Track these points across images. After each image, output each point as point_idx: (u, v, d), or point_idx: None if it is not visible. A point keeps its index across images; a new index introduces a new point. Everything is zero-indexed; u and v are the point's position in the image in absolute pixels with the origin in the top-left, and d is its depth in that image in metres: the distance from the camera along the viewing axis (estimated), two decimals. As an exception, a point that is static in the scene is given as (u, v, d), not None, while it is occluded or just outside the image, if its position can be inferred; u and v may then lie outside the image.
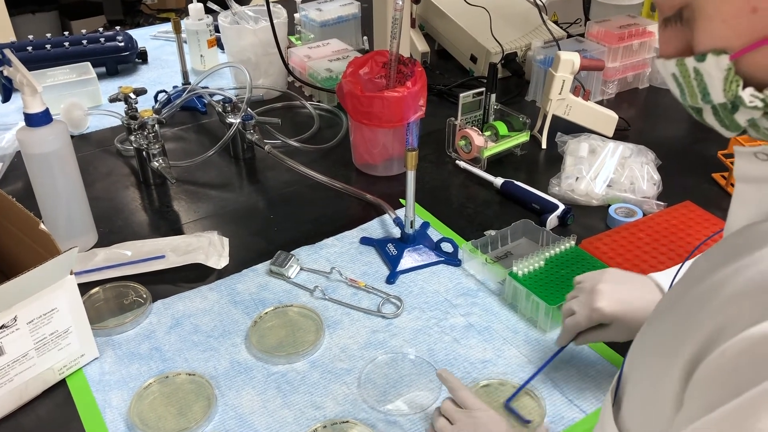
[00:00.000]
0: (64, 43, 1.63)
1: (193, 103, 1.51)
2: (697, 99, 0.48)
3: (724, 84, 0.45)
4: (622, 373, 0.57)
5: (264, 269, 1.05)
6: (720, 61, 0.45)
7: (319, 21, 1.72)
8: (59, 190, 1.04)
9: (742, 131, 0.48)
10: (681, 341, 0.45)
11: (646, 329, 0.55)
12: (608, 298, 0.78)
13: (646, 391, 0.51)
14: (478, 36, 1.62)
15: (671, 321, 0.50)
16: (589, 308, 0.79)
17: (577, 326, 0.81)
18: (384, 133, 1.24)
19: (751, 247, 0.44)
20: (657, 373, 0.48)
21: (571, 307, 0.82)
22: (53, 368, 0.85)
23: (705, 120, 0.50)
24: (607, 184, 1.18)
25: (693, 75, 0.47)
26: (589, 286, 0.80)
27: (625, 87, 1.59)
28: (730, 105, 0.46)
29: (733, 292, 0.43)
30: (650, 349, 0.53)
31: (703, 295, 0.46)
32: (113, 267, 1.04)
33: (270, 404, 0.84)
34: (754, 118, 0.46)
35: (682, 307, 0.49)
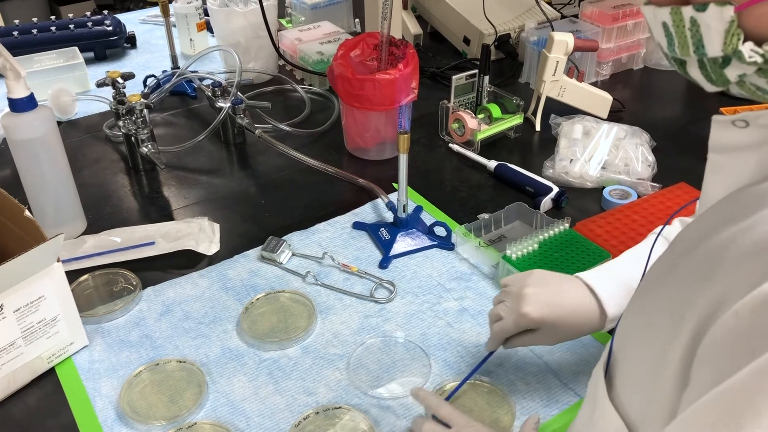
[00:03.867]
0: (50, 28, 1.60)
1: (183, 87, 1.49)
2: (689, 51, 0.47)
3: (724, 37, 0.44)
4: (612, 351, 0.56)
5: (255, 255, 1.04)
6: (723, 12, 0.43)
7: (310, 3, 1.69)
8: (46, 177, 1.02)
9: (725, 87, 0.48)
10: (681, 311, 0.44)
11: (637, 302, 0.55)
12: (534, 302, 0.74)
13: (642, 370, 0.50)
14: (470, 17, 1.60)
15: (666, 293, 0.49)
16: (516, 313, 0.75)
17: (505, 332, 0.77)
18: (376, 117, 1.22)
19: (749, 210, 0.43)
20: (656, 348, 0.47)
21: (497, 312, 0.78)
22: (42, 357, 0.84)
23: (688, 72, 0.49)
24: (601, 166, 1.17)
25: (688, 25, 0.46)
26: (516, 290, 0.76)
27: (619, 68, 1.58)
28: (722, 60, 0.45)
29: (737, 255, 0.42)
30: (645, 323, 0.52)
31: (700, 263, 0.45)
32: (102, 254, 1.02)
33: (262, 391, 0.83)
34: (745, 73, 0.45)
35: (677, 278, 0.48)
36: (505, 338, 0.78)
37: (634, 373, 0.52)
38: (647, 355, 0.49)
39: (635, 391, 0.52)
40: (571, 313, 0.74)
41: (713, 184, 0.53)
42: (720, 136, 0.51)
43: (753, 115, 0.48)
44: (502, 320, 0.77)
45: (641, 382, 0.50)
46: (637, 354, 0.52)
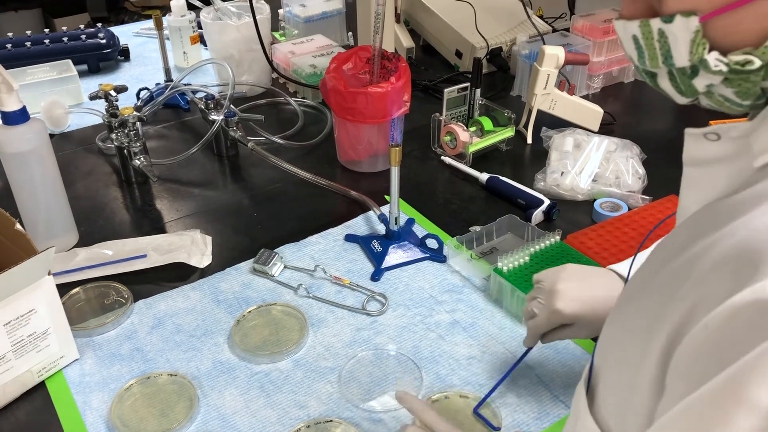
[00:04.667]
0: (44, 41, 1.61)
1: (176, 100, 1.50)
2: (658, 62, 0.48)
3: (690, 46, 0.45)
4: (593, 364, 0.56)
5: (247, 268, 1.04)
6: (689, 22, 0.45)
7: (303, 17, 1.70)
8: (37, 190, 1.02)
9: (695, 98, 0.49)
10: (655, 323, 0.45)
11: (614, 317, 0.55)
12: (567, 298, 0.75)
13: (620, 379, 0.51)
14: (462, 31, 1.61)
15: (641, 305, 0.50)
16: (549, 310, 0.76)
17: (539, 328, 0.78)
18: (368, 129, 1.23)
19: (719, 223, 0.44)
20: (631, 358, 0.48)
21: (531, 309, 0.80)
22: (31, 370, 0.83)
23: (659, 85, 0.50)
24: (592, 178, 1.17)
25: (657, 37, 0.47)
26: (548, 285, 0.78)
27: (610, 81, 1.59)
28: (689, 70, 0.47)
29: (707, 267, 0.42)
30: (621, 336, 0.52)
31: (674, 275, 0.46)
32: (94, 267, 1.02)
33: (253, 404, 0.83)
34: (712, 83, 0.46)
35: (652, 290, 0.49)
36: (541, 334, 0.79)
37: (612, 385, 0.53)
38: (624, 366, 0.50)
39: (614, 403, 0.52)
40: (603, 304, 0.75)
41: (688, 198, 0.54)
42: (693, 149, 0.52)
43: (724, 128, 0.49)
44: (536, 317, 0.79)
45: (619, 394, 0.51)
46: (615, 366, 0.52)
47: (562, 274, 0.78)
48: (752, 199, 0.44)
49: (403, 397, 0.75)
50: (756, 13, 0.44)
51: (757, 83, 0.46)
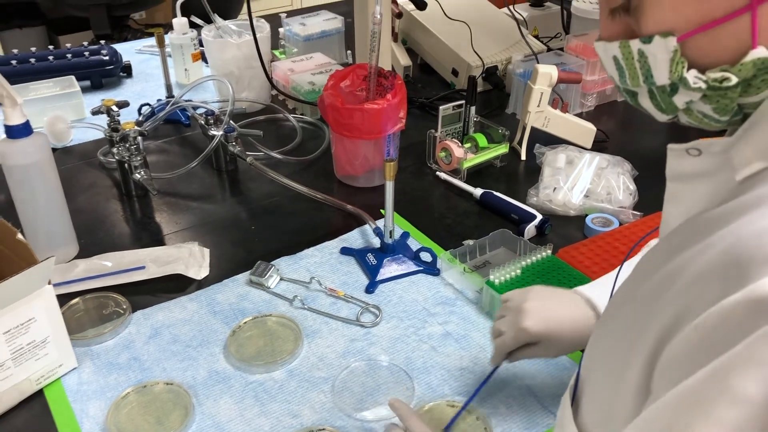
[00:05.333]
0: (48, 57, 1.64)
1: (177, 115, 1.52)
2: (639, 81, 0.50)
3: (670, 65, 0.48)
4: (580, 374, 0.58)
5: (244, 279, 1.06)
6: (668, 42, 0.47)
7: (303, 35, 1.73)
8: (39, 202, 1.04)
9: (674, 116, 0.50)
10: (640, 331, 0.46)
11: (600, 329, 0.57)
12: (534, 317, 0.77)
13: (605, 389, 0.52)
14: (459, 50, 1.64)
15: (625, 316, 0.51)
16: (516, 328, 0.77)
17: (506, 346, 0.79)
18: (365, 145, 1.25)
19: (703, 235, 0.45)
20: (615, 367, 0.49)
21: (498, 327, 0.81)
22: (30, 378, 0.85)
23: (640, 103, 0.53)
24: (584, 194, 1.19)
25: (637, 57, 0.49)
26: (516, 305, 0.79)
27: (604, 100, 1.62)
28: (669, 88, 0.49)
29: (693, 275, 0.44)
30: (606, 347, 0.54)
31: (659, 285, 0.47)
32: (93, 278, 1.04)
33: (247, 413, 0.84)
34: (692, 100, 0.48)
35: (636, 301, 0.50)
36: (508, 353, 0.81)
37: (597, 395, 0.54)
38: (609, 375, 0.51)
39: (598, 413, 0.54)
40: (570, 326, 0.76)
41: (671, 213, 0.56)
42: (675, 165, 0.54)
43: (705, 143, 0.51)
44: (502, 335, 0.80)
45: (603, 403, 0.52)
46: (600, 376, 0.54)
47: (529, 294, 0.80)
48: (736, 210, 0.45)
49: (393, 404, 0.77)
50: (731, 32, 0.46)
51: (734, 99, 0.48)
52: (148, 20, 3.76)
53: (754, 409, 0.38)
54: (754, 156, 0.48)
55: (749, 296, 0.39)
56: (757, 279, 0.39)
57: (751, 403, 0.38)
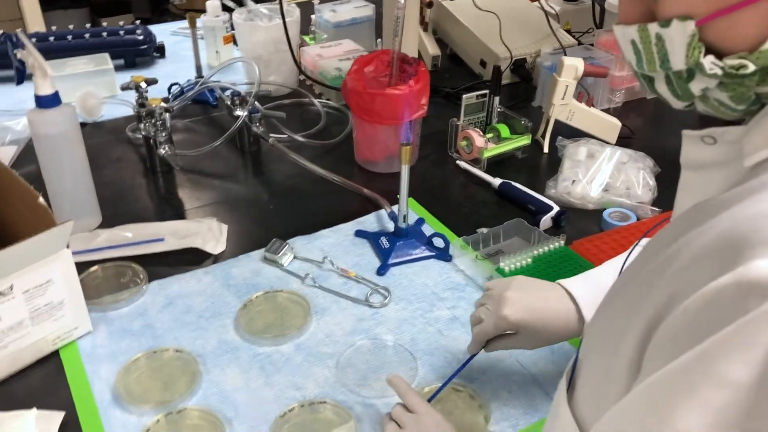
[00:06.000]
0: (84, 35, 1.68)
1: (205, 96, 1.55)
2: (655, 66, 0.50)
3: (687, 50, 0.47)
4: (577, 359, 0.58)
5: (259, 256, 1.08)
6: (686, 26, 0.46)
7: (333, 22, 1.75)
8: (65, 171, 1.07)
9: (691, 103, 0.50)
10: (634, 313, 0.46)
11: (599, 311, 0.57)
12: (514, 306, 0.76)
13: (599, 370, 0.52)
14: (488, 41, 1.64)
15: (625, 298, 0.51)
16: (496, 316, 0.77)
17: (485, 334, 0.79)
18: (385, 130, 1.26)
19: (701, 220, 0.45)
20: (609, 349, 0.49)
21: (479, 315, 0.81)
22: (47, 338, 0.88)
23: (656, 89, 0.52)
24: (603, 188, 1.19)
25: (654, 41, 0.49)
26: (497, 293, 0.79)
27: (632, 96, 1.60)
28: (686, 74, 0.48)
29: (688, 259, 0.44)
30: (603, 328, 0.54)
31: (655, 270, 0.47)
32: (114, 248, 1.07)
33: (252, 383, 0.86)
34: (708, 87, 0.48)
35: (634, 286, 0.50)
36: (486, 341, 0.81)
37: (591, 377, 0.54)
38: (603, 356, 0.51)
39: (591, 395, 0.54)
40: (551, 317, 0.76)
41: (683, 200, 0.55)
42: (690, 152, 0.53)
43: (720, 131, 0.50)
44: (482, 323, 0.80)
45: (597, 384, 0.52)
46: (595, 357, 0.54)
47: (512, 283, 0.79)
48: (739, 195, 0.45)
49: (391, 380, 0.78)
50: (750, 18, 0.45)
51: (751, 88, 0.48)
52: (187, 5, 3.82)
53: (738, 392, 0.38)
54: (765, 143, 0.47)
55: (738, 279, 0.39)
56: (747, 262, 0.39)
57: (736, 386, 0.38)
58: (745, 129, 0.49)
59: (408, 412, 0.75)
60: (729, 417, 0.38)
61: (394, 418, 0.76)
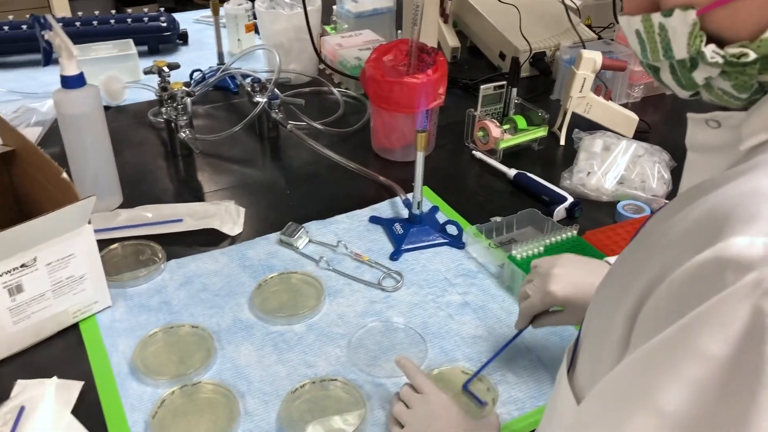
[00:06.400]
0: (109, 21, 1.71)
1: (226, 82, 1.57)
2: (659, 55, 0.51)
3: (688, 38, 0.48)
4: (579, 336, 0.59)
5: (275, 239, 1.10)
6: (687, 16, 0.47)
7: (355, 12, 1.76)
8: (88, 151, 1.10)
9: (695, 92, 0.51)
10: (626, 290, 0.47)
11: (598, 291, 0.58)
12: (562, 281, 0.78)
13: (594, 347, 0.53)
14: (508, 34, 1.65)
15: (619, 276, 0.52)
16: (543, 292, 0.79)
17: (532, 309, 0.81)
18: (402, 119, 1.27)
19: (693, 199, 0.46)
20: (603, 327, 0.51)
21: (526, 291, 0.82)
22: (68, 311, 0.91)
23: (661, 79, 0.53)
24: (617, 180, 1.19)
25: (657, 30, 0.50)
26: (545, 270, 0.81)
27: (651, 92, 1.60)
28: (689, 63, 0.49)
29: (678, 234, 0.45)
30: (599, 308, 0.55)
31: (649, 246, 0.48)
32: (134, 227, 1.09)
33: (266, 360, 0.88)
34: (711, 76, 0.49)
35: (629, 262, 0.51)
36: (533, 317, 0.83)
37: (589, 354, 0.56)
38: (598, 334, 0.53)
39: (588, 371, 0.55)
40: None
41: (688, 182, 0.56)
42: (694, 134, 0.54)
43: (724, 115, 0.51)
44: (529, 299, 0.82)
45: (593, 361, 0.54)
46: (593, 335, 0.55)
47: (559, 260, 0.81)
48: (728, 176, 0.46)
49: (400, 361, 0.79)
50: (750, 7, 0.46)
51: (753, 76, 0.49)
52: (211, -4, 3.86)
53: (716, 366, 0.39)
54: (761, 128, 0.48)
55: (717, 255, 0.40)
56: (727, 238, 0.40)
57: (714, 360, 0.39)
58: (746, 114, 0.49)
59: (416, 393, 0.76)
60: (708, 391, 0.39)
61: (402, 399, 0.77)
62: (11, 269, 0.82)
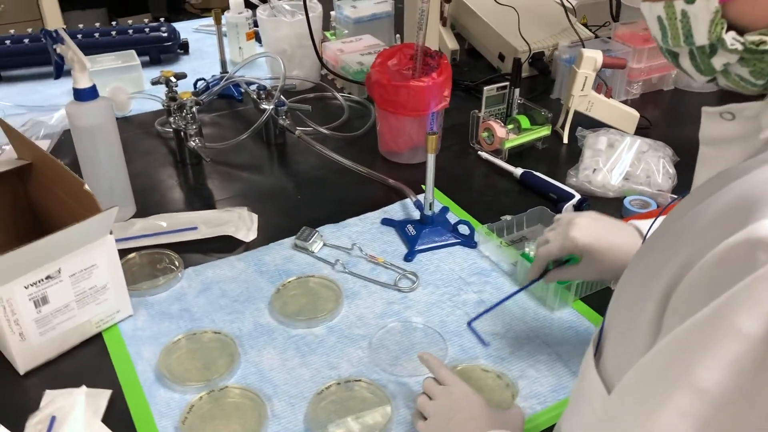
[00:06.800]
0: (111, 33, 1.72)
1: (230, 91, 1.59)
2: (680, 41, 0.53)
3: (710, 26, 0.50)
4: (604, 325, 0.61)
5: (290, 243, 1.11)
6: (709, 3, 0.50)
7: (354, 18, 1.78)
8: (102, 162, 1.11)
9: (713, 78, 0.53)
10: (656, 276, 0.49)
11: (624, 278, 0.60)
12: (584, 230, 0.81)
13: (624, 333, 0.55)
14: (506, 35, 1.67)
15: (647, 263, 0.54)
16: (563, 237, 0.81)
17: (549, 254, 0.84)
18: (409, 122, 1.29)
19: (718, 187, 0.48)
20: (634, 312, 0.52)
21: (546, 237, 0.85)
22: (91, 321, 0.92)
23: (680, 64, 0.55)
24: (623, 176, 1.21)
25: (680, 17, 0.52)
26: (567, 219, 0.83)
27: (650, 88, 1.62)
28: (708, 49, 0.51)
29: (705, 221, 0.47)
30: (626, 295, 0.57)
31: (675, 235, 0.50)
32: (149, 236, 1.11)
33: (289, 363, 0.89)
34: (729, 62, 0.51)
35: (657, 249, 0.53)
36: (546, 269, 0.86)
37: (617, 340, 0.57)
38: (628, 319, 0.55)
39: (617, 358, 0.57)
40: (617, 247, 0.80)
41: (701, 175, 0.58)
42: (709, 128, 0.56)
43: (739, 107, 0.53)
44: (548, 244, 0.84)
45: (622, 347, 0.55)
46: (621, 321, 0.57)
47: (583, 213, 0.84)
48: (754, 164, 0.48)
49: (422, 356, 0.81)
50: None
51: None
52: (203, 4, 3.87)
53: (751, 344, 0.41)
54: None
55: (749, 236, 0.42)
56: (758, 220, 0.42)
57: (748, 339, 0.41)
58: (763, 104, 0.51)
59: (438, 385, 0.78)
60: (744, 368, 0.41)
61: (425, 391, 0.79)
62: (37, 281, 0.83)
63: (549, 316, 0.96)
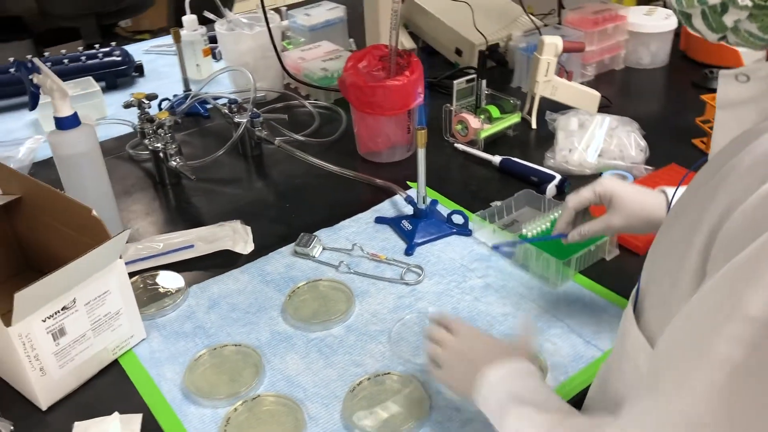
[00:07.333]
0: (63, 61, 1.68)
1: (196, 108, 1.57)
2: (693, 2, 0.56)
3: None
4: (640, 287, 0.64)
5: (289, 251, 1.12)
6: None
7: (308, 25, 1.79)
8: (88, 190, 1.09)
9: (723, 36, 0.57)
10: (695, 229, 0.53)
11: (659, 238, 0.63)
12: (613, 179, 0.89)
13: (664, 288, 0.58)
14: (461, 30, 1.71)
15: (682, 219, 0.58)
16: (593, 184, 0.89)
17: (580, 200, 0.90)
18: (386, 121, 1.31)
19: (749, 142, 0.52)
20: (674, 266, 0.56)
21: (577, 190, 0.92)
22: (107, 348, 0.90)
23: (693, 24, 0.59)
24: (598, 153, 1.27)
25: None
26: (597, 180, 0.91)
27: (602, 69, 1.69)
28: (720, 7, 0.55)
29: (741, 171, 0.51)
30: (664, 254, 0.60)
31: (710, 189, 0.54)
32: (147, 258, 1.09)
33: (314, 366, 0.90)
34: (739, 19, 0.55)
35: (692, 206, 0.57)
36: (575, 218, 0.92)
37: (657, 297, 0.60)
38: (669, 274, 0.58)
39: (658, 314, 0.60)
40: (642, 198, 0.87)
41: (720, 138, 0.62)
42: (725, 92, 0.60)
43: (753, 68, 0.57)
44: (578, 193, 0.90)
45: (663, 302, 0.59)
46: (661, 277, 0.60)
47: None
48: None
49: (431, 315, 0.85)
50: None
51: None
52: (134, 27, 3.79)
53: None
54: None
55: None
56: None
57: None
58: None
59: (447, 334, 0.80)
60: None
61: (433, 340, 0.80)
62: (53, 313, 0.82)
63: (553, 293, 1.00)
